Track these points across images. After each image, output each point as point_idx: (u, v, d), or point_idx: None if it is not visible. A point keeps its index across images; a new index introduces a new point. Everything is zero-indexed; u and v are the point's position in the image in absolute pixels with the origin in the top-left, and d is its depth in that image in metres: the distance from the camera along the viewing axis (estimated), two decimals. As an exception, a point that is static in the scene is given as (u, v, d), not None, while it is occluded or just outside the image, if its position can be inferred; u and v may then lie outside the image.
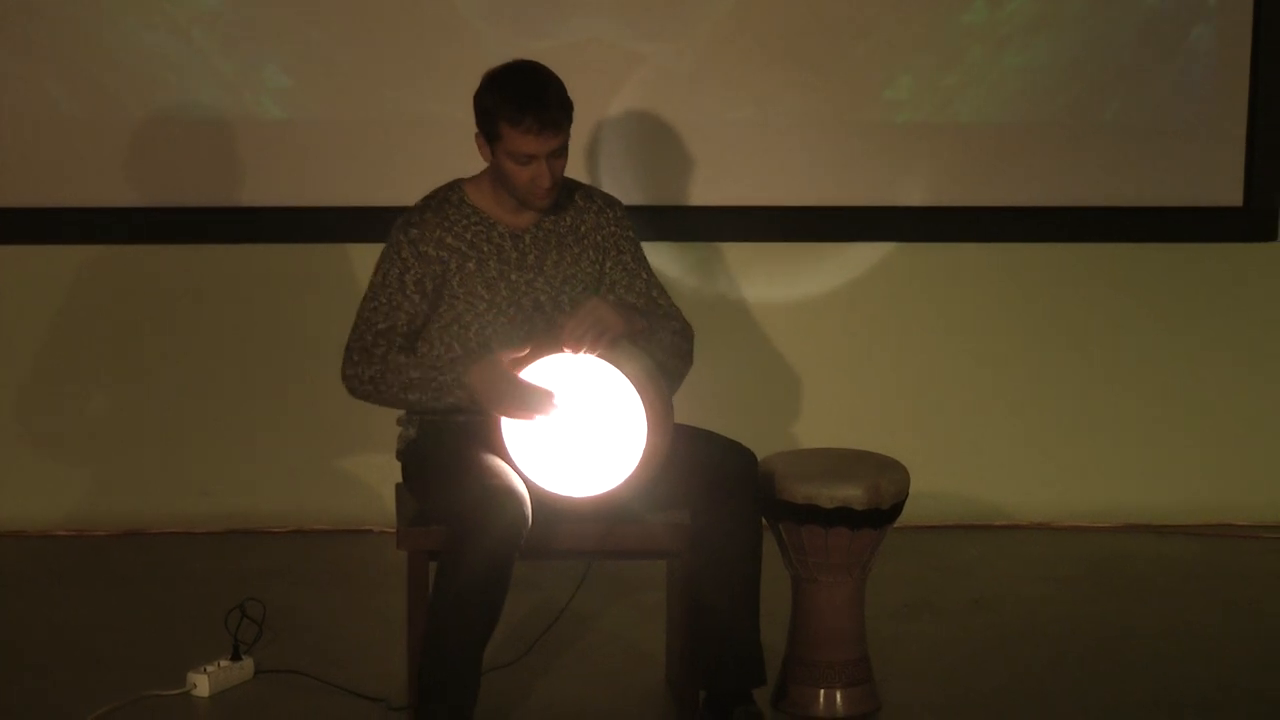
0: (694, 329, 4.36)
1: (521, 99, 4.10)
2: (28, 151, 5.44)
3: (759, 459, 4.24)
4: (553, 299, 4.25)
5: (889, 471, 4.30)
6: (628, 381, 4.02)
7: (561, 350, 4.05)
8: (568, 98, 4.16)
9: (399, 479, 4.38)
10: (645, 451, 4.03)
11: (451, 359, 4.19)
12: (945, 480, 5.65)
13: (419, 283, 4.21)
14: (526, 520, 3.98)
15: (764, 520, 4.21)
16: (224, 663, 4.50)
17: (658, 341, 4.23)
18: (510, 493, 3.98)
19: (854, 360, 5.69)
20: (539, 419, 4.04)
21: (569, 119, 4.15)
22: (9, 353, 5.55)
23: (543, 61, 4.21)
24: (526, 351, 4.08)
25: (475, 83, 4.20)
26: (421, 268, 4.21)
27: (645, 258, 4.38)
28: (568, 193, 4.33)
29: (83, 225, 5.46)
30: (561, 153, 4.16)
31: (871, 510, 4.22)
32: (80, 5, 5.37)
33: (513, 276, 4.24)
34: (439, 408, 4.18)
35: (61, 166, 5.45)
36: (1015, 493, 5.75)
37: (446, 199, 4.28)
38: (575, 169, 5.25)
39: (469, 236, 4.24)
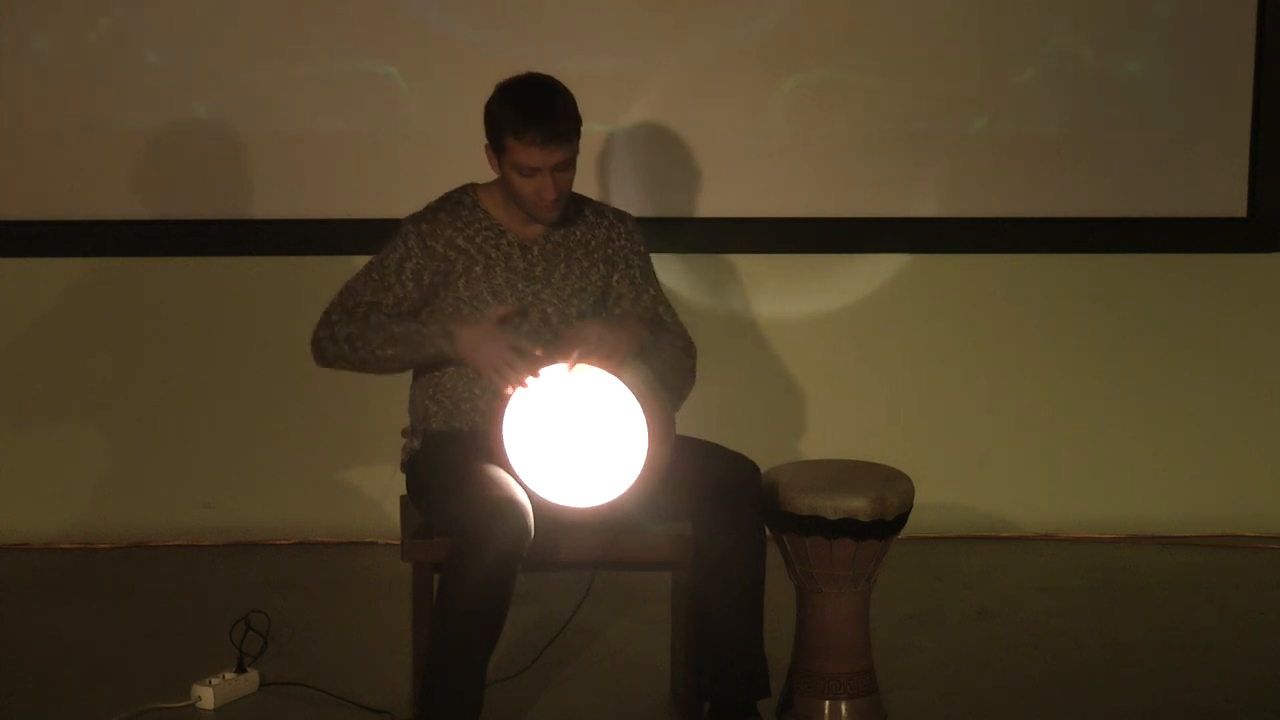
0: (698, 342, 4.36)
1: (528, 111, 4.11)
2: (29, 164, 5.44)
3: (763, 470, 4.25)
4: (559, 311, 4.25)
5: (894, 483, 4.29)
6: (629, 393, 4.02)
7: (559, 362, 4.06)
8: (576, 112, 4.16)
9: (403, 490, 4.38)
10: (646, 462, 4.03)
11: (436, 314, 4.21)
12: (950, 491, 5.65)
13: (416, 273, 4.23)
14: (529, 531, 3.99)
15: (768, 531, 4.21)
16: (229, 675, 4.50)
17: (660, 357, 4.23)
18: (513, 503, 3.98)
19: (858, 372, 5.69)
20: (513, 389, 4.05)
21: (576, 133, 4.16)
22: (11, 365, 5.55)
23: (550, 74, 4.22)
24: (513, 308, 4.12)
25: (480, 97, 4.21)
26: (424, 260, 4.23)
27: (654, 273, 4.38)
28: (579, 207, 4.34)
29: (85, 238, 5.46)
30: (568, 166, 4.16)
31: (876, 521, 4.21)
32: (81, 18, 5.38)
33: (520, 286, 4.25)
34: (417, 360, 4.19)
35: (63, 179, 5.45)
36: (1019, 504, 5.75)
37: (460, 201, 4.30)
38: (585, 182, 5.26)
39: (479, 240, 4.25)
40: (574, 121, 4.15)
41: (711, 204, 5.57)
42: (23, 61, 5.39)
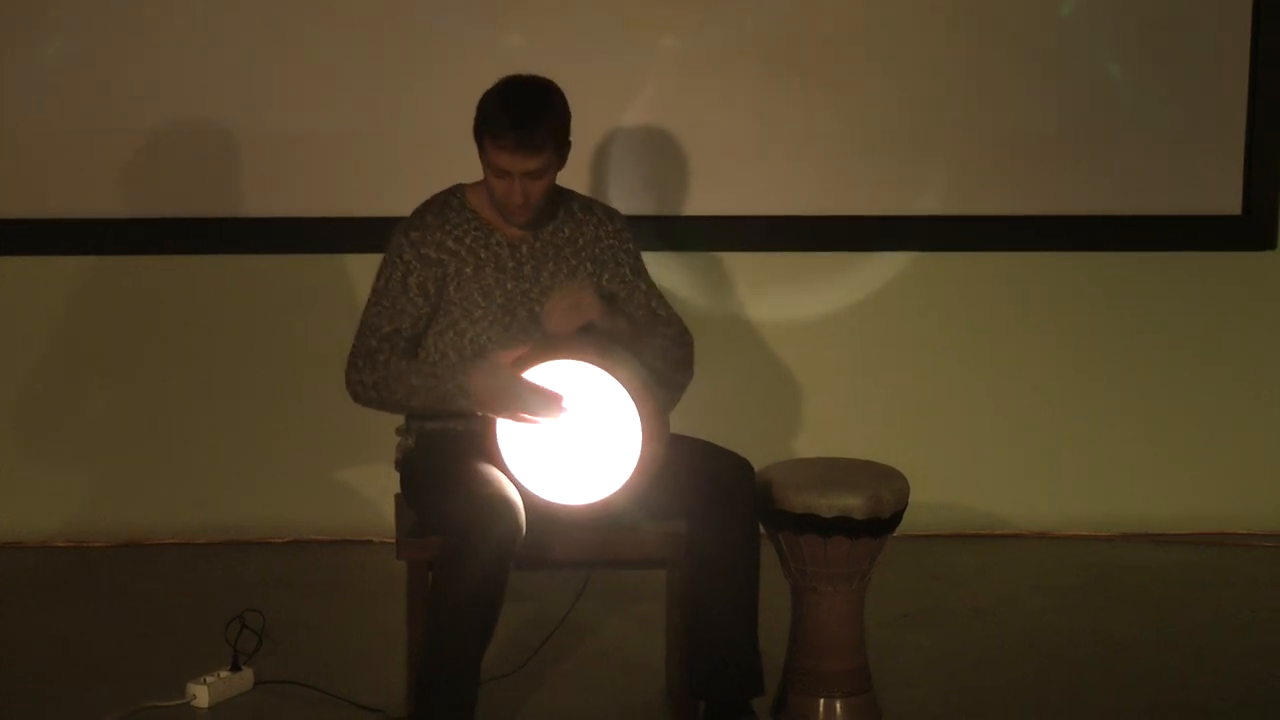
0: (694, 338, 4.35)
1: (507, 114, 4.09)
2: (25, 163, 5.44)
3: (758, 468, 4.24)
4: (548, 310, 4.25)
5: (889, 481, 4.29)
6: (622, 389, 4.02)
7: (556, 357, 4.05)
8: (560, 124, 4.14)
9: (397, 489, 4.38)
10: (641, 459, 4.02)
11: (451, 366, 4.19)
12: (944, 489, 5.65)
13: (422, 285, 4.22)
14: (521, 529, 3.98)
15: (763, 529, 4.21)
16: (223, 674, 4.50)
17: (648, 346, 4.22)
18: (505, 502, 3.98)
19: (853, 370, 5.69)
20: (543, 423, 4.04)
21: (553, 144, 4.13)
22: (6, 364, 5.54)
23: (546, 74, 4.20)
24: (525, 351, 4.08)
25: (475, 94, 4.20)
26: (424, 270, 4.22)
27: (645, 269, 4.38)
28: (568, 205, 4.34)
29: (80, 236, 5.46)
30: (539, 175, 4.13)
31: (871, 519, 4.21)
32: (78, 16, 5.38)
33: (509, 286, 4.24)
34: (440, 412, 4.18)
35: (60, 178, 5.45)
36: (1014, 502, 5.75)
37: (447, 203, 4.29)
38: (580, 178, 5.27)
39: (468, 241, 4.25)
40: (553, 133, 4.12)
41: (708, 202, 5.57)
42: (20, 59, 5.39)
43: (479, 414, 4.10)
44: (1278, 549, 5.66)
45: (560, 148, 4.16)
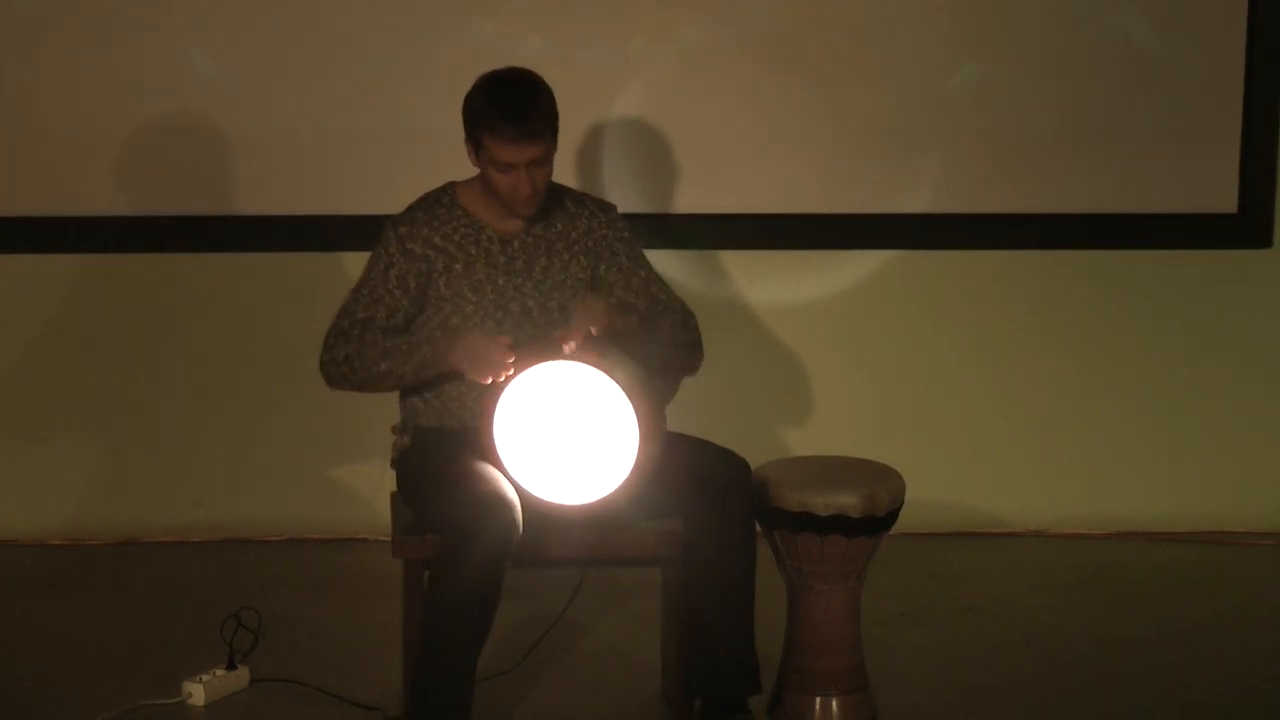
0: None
1: (503, 107, 4.11)
2: (22, 160, 5.43)
3: (754, 467, 4.24)
4: (540, 305, 4.25)
5: (885, 479, 4.29)
6: (618, 389, 4.02)
7: (551, 359, 4.05)
8: (553, 109, 4.15)
9: (393, 487, 4.38)
10: (637, 458, 4.02)
11: (427, 334, 4.21)
12: (941, 488, 5.65)
13: (402, 279, 4.23)
14: (518, 527, 3.99)
15: (759, 528, 4.21)
16: (219, 672, 4.50)
17: (656, 336, 4.23)
18: (501, 500, 3.98)
19: (849, 368, 5.69)
20: (500, 378, 4.05)
21: (551, 130, 4.15)
22: (3, 361, 5.54)
23: (539, 69, 4.21)
24: (510, 342, 4.09)
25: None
26: (406, 265, 4.23)
27: (643, 256, 4.38)
28: (560, 199, 4.34)
29: (75, 234, 5.46)
30: (542, 163, 4.16)
31: (867, 518, 4.21)
32: (76, 14, 5.37)
33: (500, 281, 4.25)
34: (406, 371, 4.18)
35: (55, 175, 5.44)
36: (1010, 500, 5.75)
37: (438, 200, 4.30)
38: (575, 175, 5.27)
39: (457, 238, 4.25)
40: (549, 119, 4.15)
41: (703, 200, 5.57)
42: (19, 58, 5.39)
43: (438, 365, 4.13)
44: (1274, 547, 5.66)
45: (555, 132, 4.18)
